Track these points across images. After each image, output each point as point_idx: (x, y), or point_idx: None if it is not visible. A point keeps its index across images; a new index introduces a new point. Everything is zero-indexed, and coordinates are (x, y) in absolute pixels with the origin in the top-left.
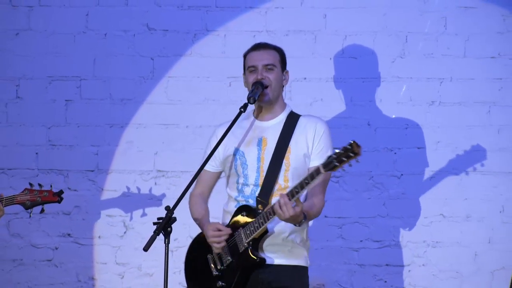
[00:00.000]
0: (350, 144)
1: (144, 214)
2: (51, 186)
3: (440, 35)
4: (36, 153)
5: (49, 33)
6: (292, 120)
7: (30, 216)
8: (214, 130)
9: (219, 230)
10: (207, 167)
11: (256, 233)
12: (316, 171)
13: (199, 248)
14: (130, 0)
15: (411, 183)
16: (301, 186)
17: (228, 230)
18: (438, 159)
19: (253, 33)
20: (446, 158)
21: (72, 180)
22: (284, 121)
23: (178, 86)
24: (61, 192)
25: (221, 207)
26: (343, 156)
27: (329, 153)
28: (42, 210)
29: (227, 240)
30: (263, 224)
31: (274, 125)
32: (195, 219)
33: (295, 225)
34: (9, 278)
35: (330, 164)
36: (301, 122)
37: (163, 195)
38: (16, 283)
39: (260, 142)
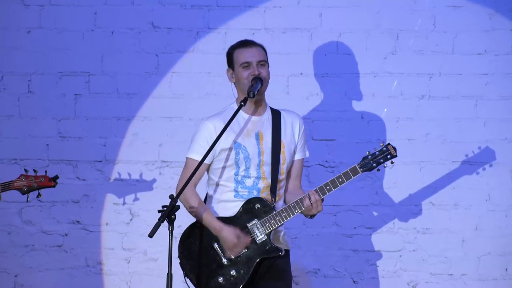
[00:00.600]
0: (387, 146)
1: (149, 202)
2: (45, 171)
3: (429, 32)
4: (47, 145)
5: (59, 31)
6: (276, 115)
7: (27, 200)
8: (204, 123)
9: (239, 237)
10: (199, 158)
11: (277, 226)
12: (354, 171)
13: (201, 236)
14: None
15: (402, 173)
16: (334, 185)
17: (248, 239)
18: (428, 150)
19: (252, 31)
20: (435, 149)
21: (81, 170)
22: (270, 116)
23: (182, 81)
24: (57, 177)
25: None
26: (381, 157)
27: (305, 145)
28: (39, 195)
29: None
30: (287, 218)
31: (265, 119)
32: (192, 207)
33: (307, 217)
34: (21, 263)
35: (368, 165)
36: (284, 117)
37: (167, 184)
38: (28, 267)
39: (257, 136)
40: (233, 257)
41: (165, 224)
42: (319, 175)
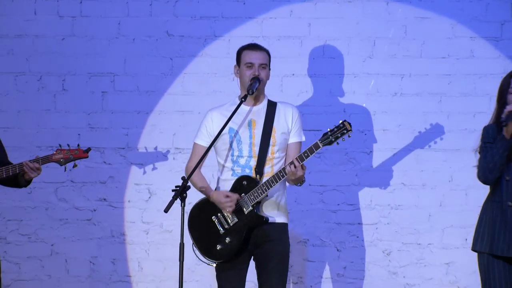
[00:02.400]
0: (343, 123)
1: (164, 183)
2: (78, 145)
3: (401, 39)
4: (78, 134)
5: (89, 38)
6: (272, 106)
7: (65, 170)
8: (206, 114)
9: (228, 196)
10: (204, 144)
11: (261, 197)
12: (316, 146)
13: (203, 212)
14: (153, 11)
15: (378, 158)
16: (306, 155)
17: (236, 196)
18: (400, 139)
19: (252, 38)
20: (406, 138)
21: (107, 156)
22: (266, 107)
23: (192, 81)
24: (89, 149)
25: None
26: (338, 132)
27: (302, 131)
28: (75, 165)
29: None
30: (271, 186)
31: (259, 110)
32: (200, 187)
33: (296, 185)
34: (57, 234)
35: (327, 139)
36: (279, 108)
37: (180, 168)
38: (62, 237)
39: (250, 123)
40: (227, 226)
41: (178, 201)
42: (309, 160)
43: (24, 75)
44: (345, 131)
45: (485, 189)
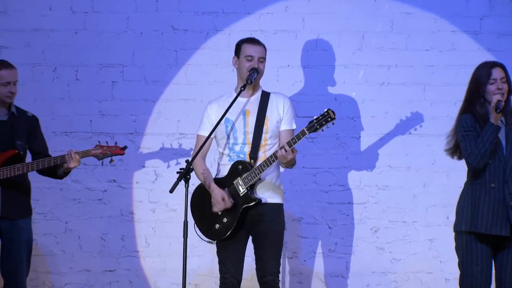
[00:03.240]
0: (327, 111)
1: (169, 166)
2: (116, 143)
3: (388, 33)
4: (90, 121)
5: (99, 32)
6: (265, 96)
7: (102, 164)
8: (206, 107)
9: (224, 200)
10: (206, 134)
11: (254, 180)
12: (302, 133)
13: (204, 195)
14: (159, 7)
15: (366, 143)
16: (294, 141)
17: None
18: (387, 125)
19: (250, 32)
20: (392, 124)
21: (116, 140)
22: (259, 97)
23: (195, 71)
24: (125, 147)
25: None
26: (323, 120)
27: (293, 120)
28: (111, 161)
29: (228, 187)
30: (263, 170)
31: (253, 100)
32: (202, 174)
33: (288, 167)
34: (71, 212)
35: (313, 127)
36: (272, 98)
37: (184, 152)
38: (76, 216)
39: (244, 113)
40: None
41: (182, 182)
42: (301, 143)
43: (40, 66)
44: (329, 119)
45: (465, 171)
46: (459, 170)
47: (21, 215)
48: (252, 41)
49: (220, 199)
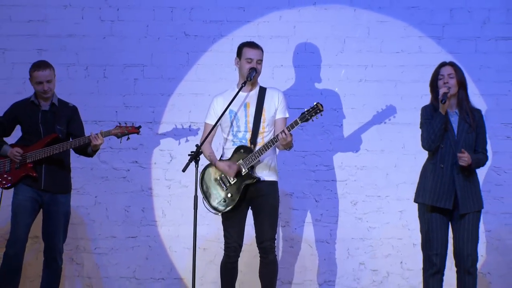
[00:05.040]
0: (316, 104)
1: (182, 149)
2: (132, 123)
3: (365, 38)
4: (116, 112)
5: (123, 37)
6: (262, 91)
7: (120, 142)
8: (212, 99)
9: (230, 166)
10: (212, 123)
11: (254, 161)
12: (295, 122)
13: (211, 173)
14: (174, 16)
15: (348, 130)
16: (292, 126)
17: (235, 166)
18: (364, 115)
19: (250, 37)
20: (369, 115)
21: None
22: (258, 92)
23: (204, 70)
24: (139, 127)
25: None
26: (313, 112)
27: (286, 109)
28: (128, 138)
29: None
30: (263, 152)
31: (252, 94)
32: (209, 156)
33: (286, 149)
34: (99, 188)
35: (304, 117)
36: (268, 92)
37: (194, 137)
38: (103, 191)
39: (245, 105)
40: (229, 184)
41: (193, 163)
42: (294, 131)
43: (74, 66)
44: (318, 111)
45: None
46: (424, 153)
47: (61, 191)
48: (252, 45)
49: (227, 168)
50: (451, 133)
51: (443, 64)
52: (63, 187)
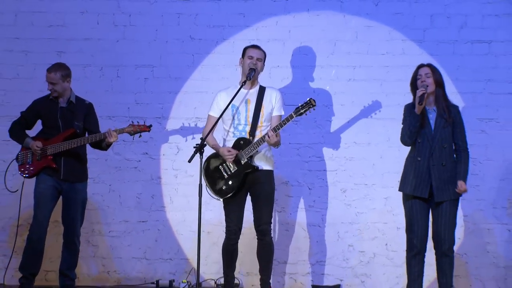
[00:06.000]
0: (309, 100)
1: (188, 141)
2: (144, 122)
3: (354, 42)
4: (128, 108)
5: (135, 41)
6: (262, 90)
7: (133, 139)
8: (216, 94)
9: (230, 151)
10: (215, 115)
11: (253, 152)
12: (290, 116)
13: (213, 163)
14: (181, 22)
15: (337, 124)
16: (281, 125)
17: (235, 151)
18: (352, 111)
19: (250, 41)
20: (357, 111)
21: (148, 122)
22: (258, 90)
23: (208, 70)
24: (151, 125)
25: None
26: (306, 107)
27: (282, 108)
28: (140, 136)
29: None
30: (259, 145)
31: (252, 92)
32: (212, 145)
33: (275, 147)
34: (112, 178)
35: (298, 111)
36: (267, 91)
37: (199, 131)
38: (117, 180)
39: (246, 102)
40: (230, 173)
41: (197, 155)
42: (288, 125)
43: (90, 66)
44: (311, 106)
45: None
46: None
47: (78, 180)
48: (254, 46)
49: (226, 152)
50: (428, 128)
51: (421, 66)
52: (80, 176)
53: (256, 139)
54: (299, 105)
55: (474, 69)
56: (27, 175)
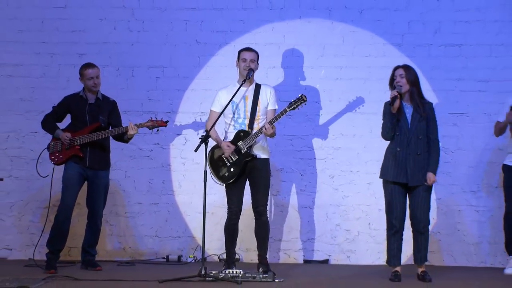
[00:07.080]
0: (301, 96)
1: (194, 133)
2: (161, 118)
3: (340, 45)
4: (141, 104)
5: (148, 44)
6: (258, 87)
7: (151, 133)
8: (217, 92)
9: (229, 146)
10: (217, 110)
11: (252, 142)
12: (284, 110)
13: (217, 152)
14: (188, 27)
15: (326, 118)
16: (276, 118)
17: (233, 146)
18: (339, 106)
19: (249, 44)
20: (343, 106)
21: (159, 116)
22: (254, 87)
23: (212, 71)
24: (167, 121)
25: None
26: (299, 102)
27: (276, 102)
28: (158, 130)
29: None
30: (257, 137)
31: (250, 89)
32: (215, 138)
33: (270, 137)
34: (128, 165)
35: (291, 106)
36: (262, 88)
37: (204, 124)
38: (131, 167)
39: (244, 98)
40: (232, 161)
41: (203, 145)
42: (283, 118)
43: (108, 67)
44: (303, 101)
45: None
46: None
47: (102, 167)
48: (245, 49)
49: (226, 147)
50: (404, 122)
51: (396, 67)
52: (103, 164)
53: (254, 131)
54: (292, 100)
55: (446, 69)
56: (56, 162)
